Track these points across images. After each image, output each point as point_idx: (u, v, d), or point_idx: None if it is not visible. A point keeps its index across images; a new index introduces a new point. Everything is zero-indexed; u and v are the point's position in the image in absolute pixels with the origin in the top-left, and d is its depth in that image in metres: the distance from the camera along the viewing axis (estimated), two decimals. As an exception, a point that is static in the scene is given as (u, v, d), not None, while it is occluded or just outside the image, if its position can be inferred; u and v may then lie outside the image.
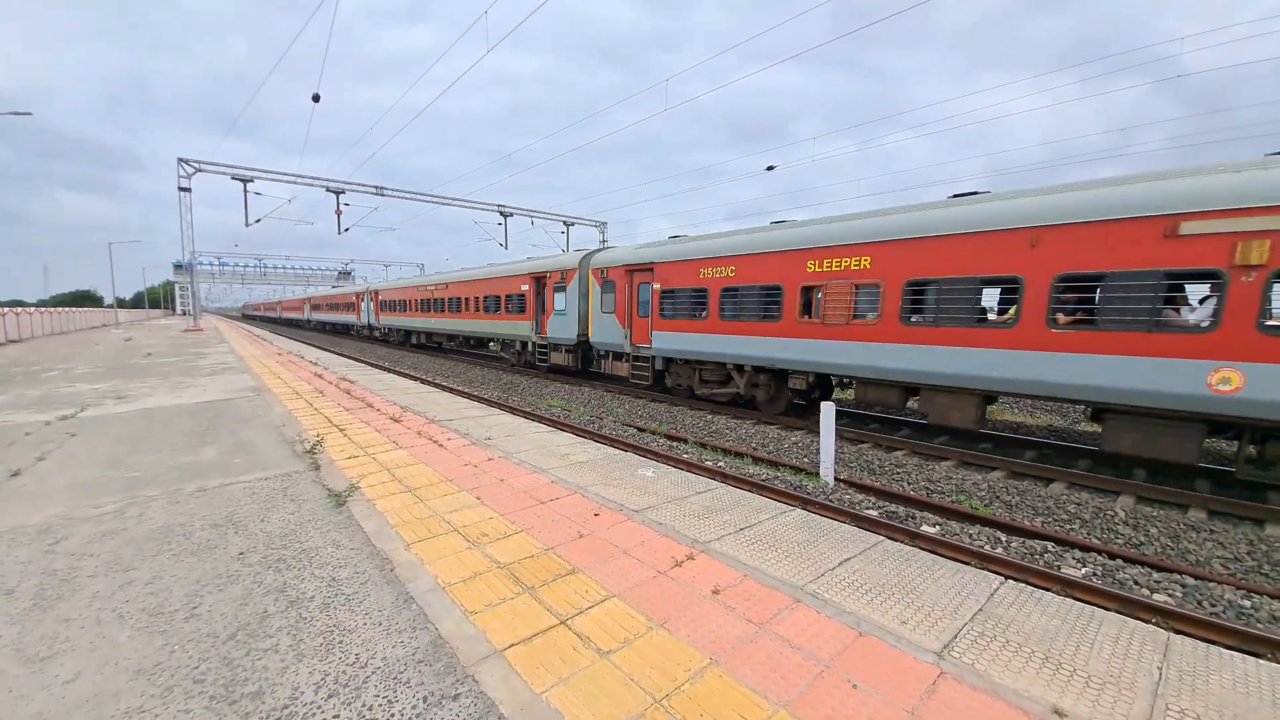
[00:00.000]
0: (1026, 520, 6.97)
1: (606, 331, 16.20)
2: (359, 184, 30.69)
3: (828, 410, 7.96)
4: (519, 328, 20.60)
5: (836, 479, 8.00)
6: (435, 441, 7.20)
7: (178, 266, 72.63)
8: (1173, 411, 7.07)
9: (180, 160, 27.22)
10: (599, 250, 17.46)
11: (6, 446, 6.83)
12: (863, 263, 9.83)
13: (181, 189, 27.85)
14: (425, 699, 2.48)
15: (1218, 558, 6.05)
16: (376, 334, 39.23)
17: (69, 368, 15.77)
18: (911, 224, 9.21)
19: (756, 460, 9.36)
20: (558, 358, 18.68)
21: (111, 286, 52.57)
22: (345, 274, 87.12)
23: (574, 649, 2.85)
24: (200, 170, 27.54)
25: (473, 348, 28.89)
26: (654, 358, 14.72)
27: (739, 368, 12.68)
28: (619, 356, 16.21)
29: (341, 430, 7.81)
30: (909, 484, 8.27)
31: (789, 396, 12.28)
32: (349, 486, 5.33)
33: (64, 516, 4.60)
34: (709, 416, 12.82)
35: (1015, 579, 4.03)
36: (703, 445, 10.26)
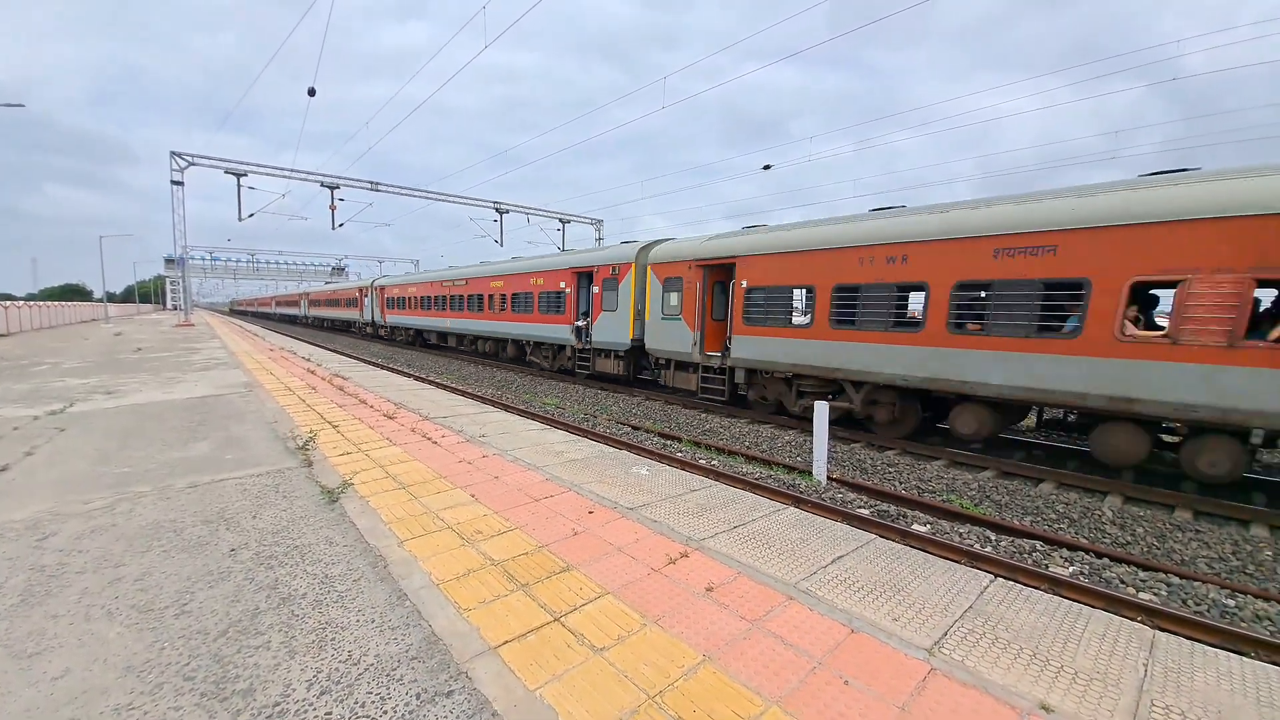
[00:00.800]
0: (1016, 520, 7.04)
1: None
2: (353, 179, 30.53)
3: (820, 410, 8.00)
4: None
5: (829, 478, 8.04)
6: (429, 438, 7.19)
7: (169, 261, 72.01)
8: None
9: (173, 154, 26.99)
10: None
11: (-6, 441, 6.76)
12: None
13: (174, 183, 27.61)
14: (418, 696, 2.48)
15: (1203, 557, 6.13)
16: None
17: (58, 362, 15.61)
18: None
19: (750, 459, 9.40)
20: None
21: (102, 280, 52.15)
22: (339, 269, 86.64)
23: (568, 646, 2.85)
24: (193, 164, 27.31)
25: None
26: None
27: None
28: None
29: (334, 427, 7.78)
30: (900, 483, 8.32)
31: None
32: (342, 483, 5.31)
33: (52, 512, 4.56)
34: (703, 415, 12.85)
35: (1005, 577, 4.06)
36: (697, 444, 10.29)
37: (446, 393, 12.06)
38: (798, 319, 11.38)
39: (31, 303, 37.25)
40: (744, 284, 12.09)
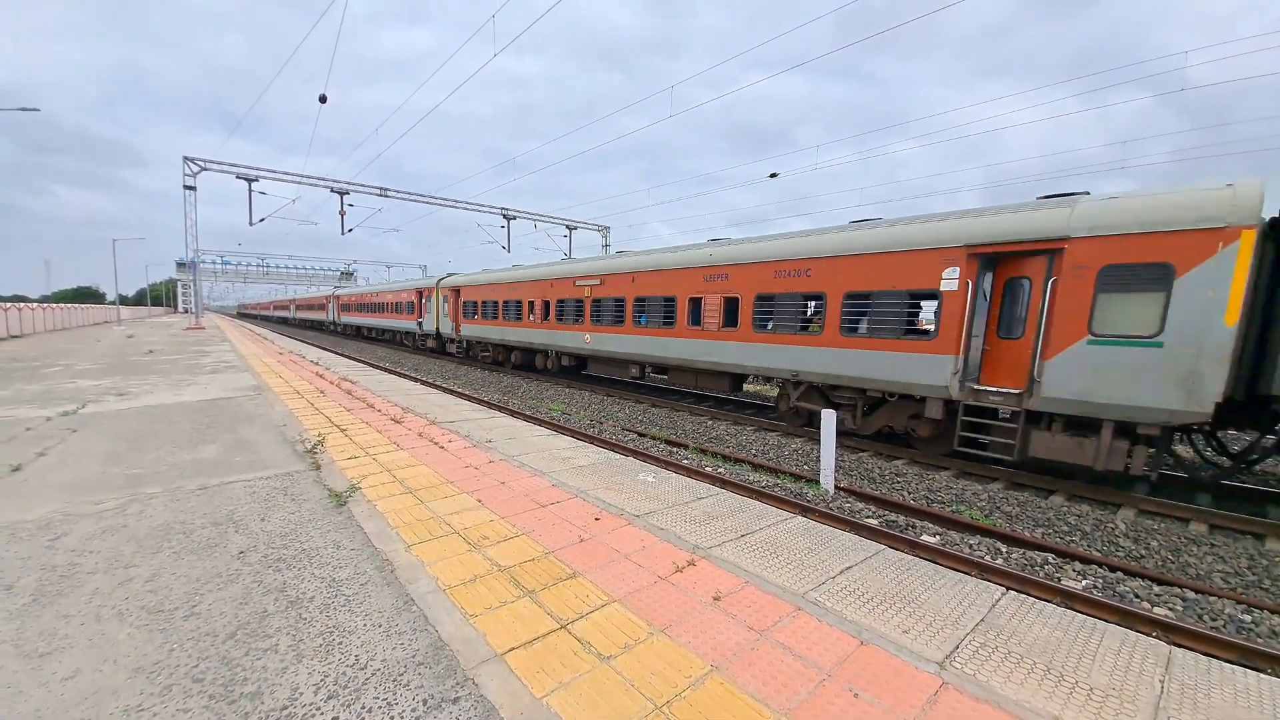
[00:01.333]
0: (1027, 531, 6.96)
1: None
2: (363, 185, 30.81)
3: (828, 418, 7.96)
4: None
5: (836, 487, 7.99)
6: (436, 443, 7.20)
7: (181, 264, 72.78)
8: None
9: (186, 159, 27.34)
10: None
11: (7, 441, 6.83)
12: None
13: (186, 187, 27.94)
14: (425, 702, 2.48)
15: (1218, 572, 6.04)
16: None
17: (70, 364, 15.78)
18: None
19: (757, 467, 9.36)
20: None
21: (114, 283, 52.77)
22: (348, 274, 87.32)
23: (574, 653, 2.84)
24: (206, 169, 27.64)
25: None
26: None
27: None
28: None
29: (342, 430, 7.81)
30: (909, 493, 8.26)
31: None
32: (350, 487, 5.32)
33: (64, 512, 4.59)
34: (709, 422, 12.82)
35: (1017, 590, 4.01)
36: (703, 451, 10.26)
37: (453, 397, 12.09)
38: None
39: (44, 305, 37.71)
40: (460, 299, 25.29)
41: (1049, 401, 7.82)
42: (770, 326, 11.77)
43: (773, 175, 27.77)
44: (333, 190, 29.81)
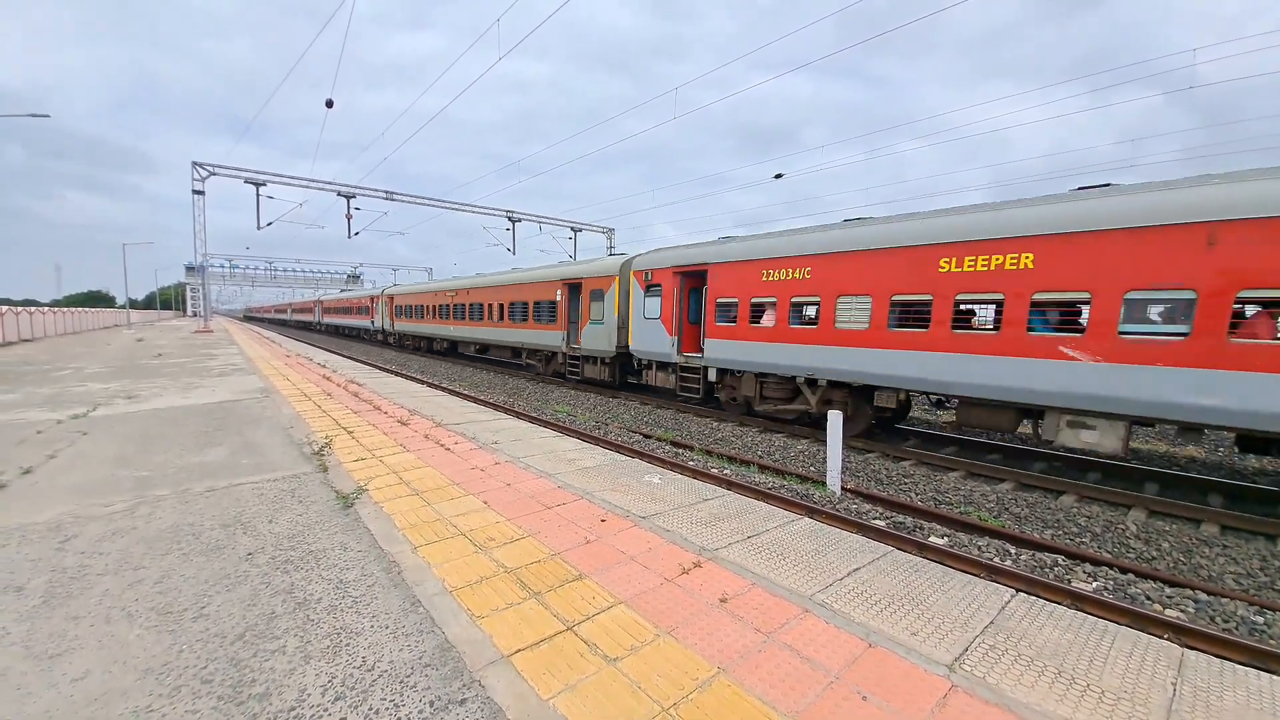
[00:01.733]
0: (1036, 533, 6.91)
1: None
2: (369, 188, 30.97)
3: (834, 419, 7.93)
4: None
5: (843, 488, 7.96)
6: (443, 445, 7.22)
7: (189, 268, 73.32)
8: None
9: (194, 164, 27.56)
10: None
11: (18, 444, 6.89)
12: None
13: (195, 192, 28.18)
14: (432, 703, 2.48)
15: (1230, 573, 5.97)
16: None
17: (80, 367, 15.92)
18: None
19: (763, 468, 9.33)
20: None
21: (124, 287, 53.24)
22: (354, 277, 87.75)
23: (581, 655, 2.83)
24: (214, 174, 27.86)
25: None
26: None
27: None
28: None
29: (349, 432, 7.84)
30: (916, 494, 8.21)
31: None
32: (357, 489, 5.34)
33: (74, 514, 4.63)
34: (714, 424, 12.79)
35: (1026, 592, 3.98)
36: (708, 453, 10.24)
37: (459, 400, 12.13)
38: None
39: (55, 309, 38.08)
40: (394, 303, 32.60)
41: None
42: (513, 319, 22.00)
43: (778, 176, 27.73)
44: (339, 194, 29.98)
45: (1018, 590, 3.70)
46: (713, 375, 13.39)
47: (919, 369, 9.31)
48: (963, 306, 8.99)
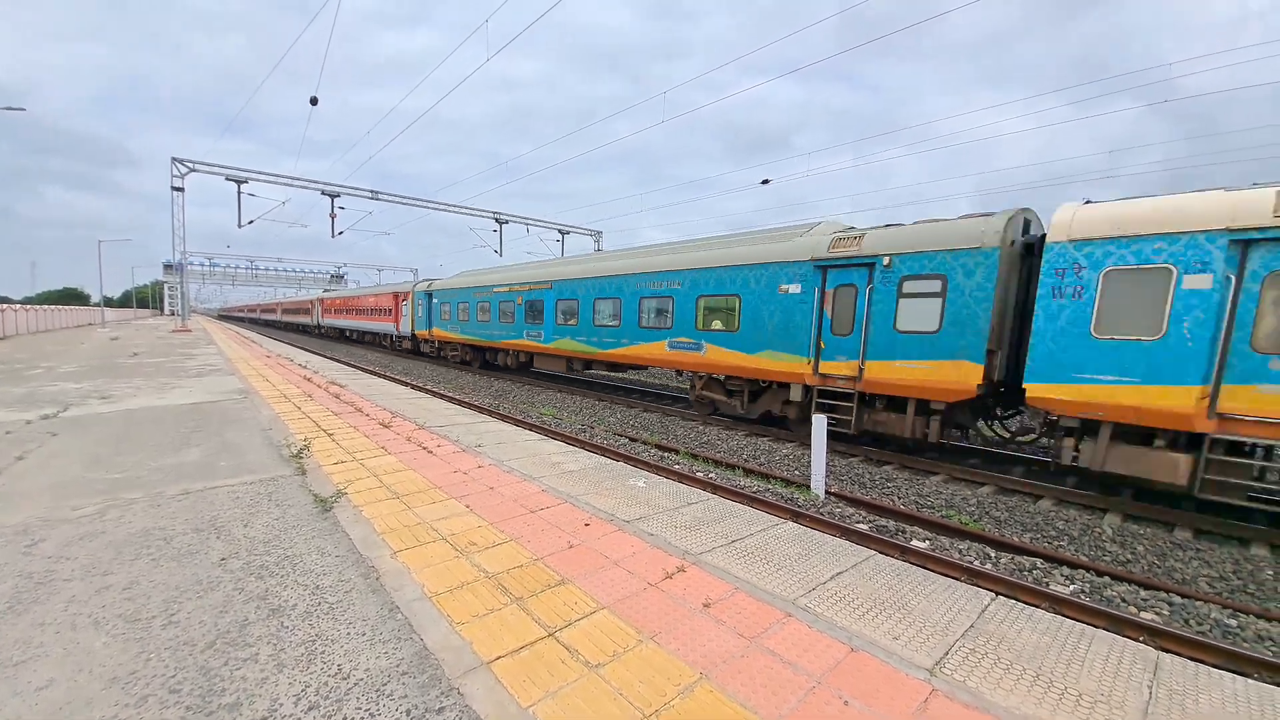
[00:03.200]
0: (1015, 536, 6.99)
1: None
2: (354, 188, 30.63)
3: (819, 423, 7.97)
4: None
5: (827, 492, 7.99)
6: (425, 448, 7.13)
7: (168, 266, 71.94)
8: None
9: (174, 160, 27.06)
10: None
11: (-16, 445, 6.69)
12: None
13: (175, 188, 27.67)
14: (409, 712, 2.43)
15: (1204, 576, 6.09)
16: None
17: (53, 366, 15.53)
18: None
19: (748, 472, 9.34)
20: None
21: (99, 284, 52.01)
22: (338, 277, 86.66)
23: (562, 662, 2.80)
24: (194, 170, 27.38)
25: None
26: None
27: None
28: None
29: (329, 435, 7.72)
30: (899, 498, 8.28)
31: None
32: (336, 492, 5.25)
33: (42, 518, 4.49)
34: (700, 427, 12.80)
35: (1006, 595, 4.02)
36: (694, 456, 10.23)
37: (444, 402, 12.01)
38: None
39: (28, 306, 37.14)
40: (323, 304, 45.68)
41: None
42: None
43: (765, 181, 27.90)
44: (323, 193, 29.60)
45: (997, 593, 3.73)
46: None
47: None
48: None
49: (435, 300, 26.11)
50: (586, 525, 4.63)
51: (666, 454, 10.33)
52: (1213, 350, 6.51)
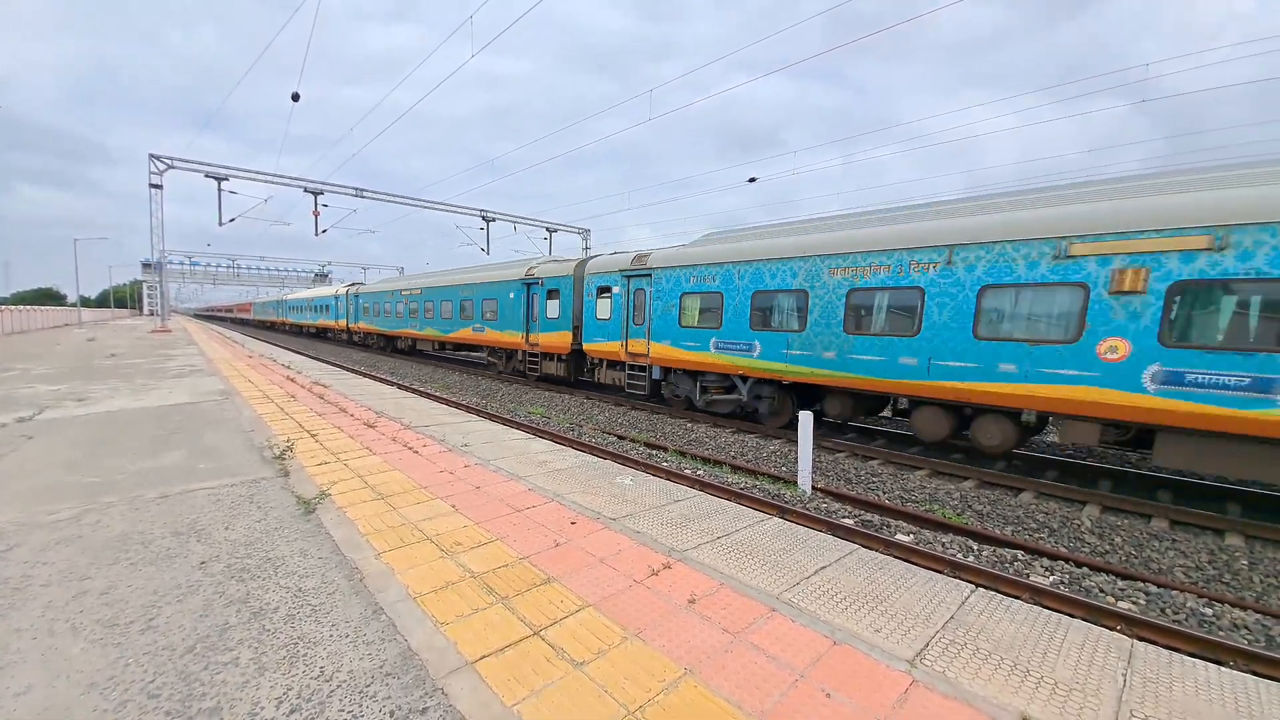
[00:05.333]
0: (997, 529, 7.09)
1: None
2: (338, 185, 30.28)
3: (805, 420, 8.03)
4: None
5: (814, 488, 8.06)
6: (410, 448, 7.08)
7: (146, 265, 70.68)
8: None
9: (152, 156, 26.59)
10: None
11: (-44, 450, 6.54)
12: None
13: (153, 186, 27.19)
14: (392, 713, 2.42)
15: (1180, 566, 6.22)
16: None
17: (28, 368, 15.20)
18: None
19: (735, 469, 9.39)
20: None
21: (75, 284, 50.93)
22: (321, 276, 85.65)
23: (547, 660, 2.80)
24: (173, 167, 26.92)
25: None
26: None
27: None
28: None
29: (313, 435, 7.64)
30: (884, 493, 8.36)
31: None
32: (319, 493, 5.20)
33: (17, 522, 4.41)
34: (688, 425, 12.84)
35: (986, 587, 4.08)
36: (682, 453, 10.26)
37: (430, 401, 11.93)
38: None
39: (2, 307, 36.33)
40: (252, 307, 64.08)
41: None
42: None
43: (751, 180, 27.98)
44: (306, 190, 29.25)
45: (978, 585, 3.79)
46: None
47: None
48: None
49: (361, 301, 34.47)
50: (573, 524, 4.63)
51: (655, 452, 10.35)
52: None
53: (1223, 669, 2.90)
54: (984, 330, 8.48)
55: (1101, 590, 5.40)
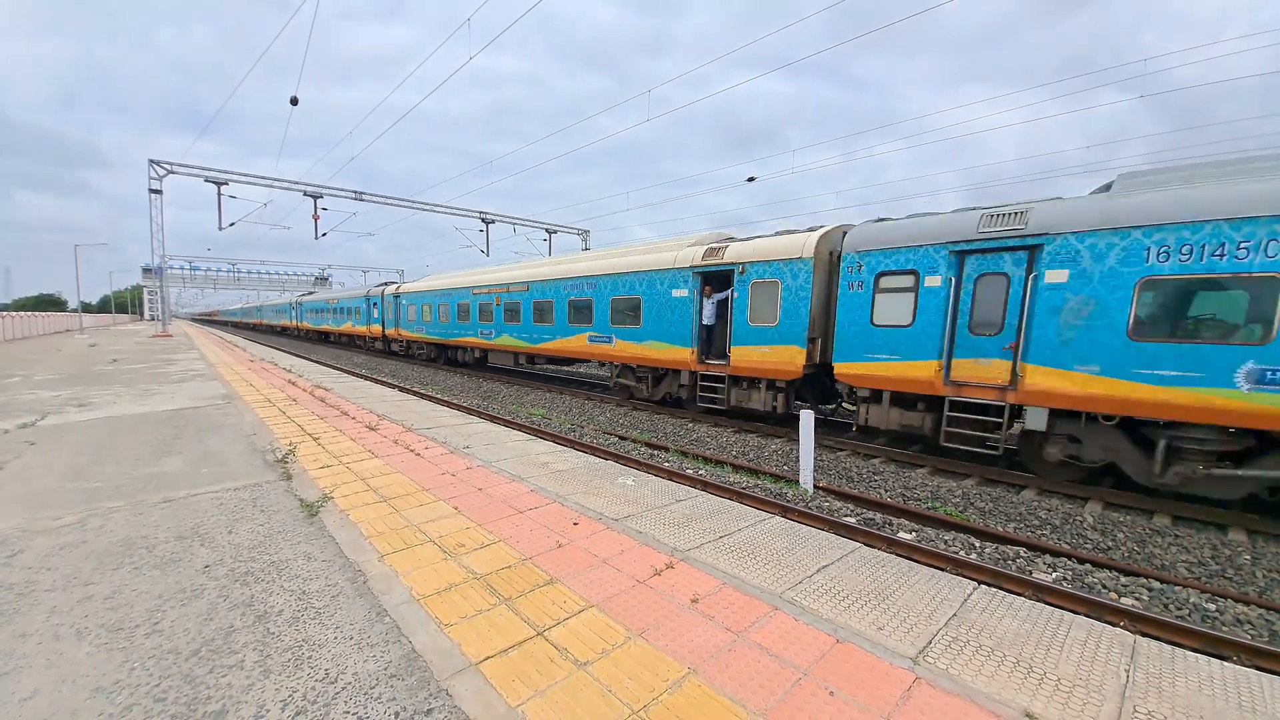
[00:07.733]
0: (999, 526, 7.09)
1: None
2: (337, 188, 30.32)
3: (807, 418, 8.03)
4: None
5: (815, 486, 8.06)
6: (412, 450, 7.09)
7: (146, 270, 70.80)
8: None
9: (151, 161, 26.64)
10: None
11: (-40, 456, 6.56)
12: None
13: (152, 191, 27.24)
14: (397, 715, 2.43)
15: (1182, 562, 6.21)
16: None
17: (29, 374, 15.23)
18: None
19: (737, 468, 9.40)
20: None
21: (76, 290, 51.02)
22: (322, 279, 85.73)
23: (551, 661, 2.81)
24: (172, 172, 26.97)
25: None
26: None
27: None
28: None
29: (315, 439, 7.65)
30: (886, 491, 8.36)
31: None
32: (322, 496, 5.22)
33: (21, 528, 4.42)
34: (690, 425, 12.84)
35: (989, 584, 4.09)
36: (684, 453, 10.27)
37: (431, 404, 11.94)
38: None
39: (3, 314, 36.39)
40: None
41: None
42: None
43: (750, 179, 27.97)
44: (305, 193, 29.29)
45: (981, 582, 3.79)
46: None
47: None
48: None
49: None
50: (575, 524, 4.64)
51: (656, 452, 10.35)
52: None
53: (1226, 664, 2.90)
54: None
55: (1104, 586, 5.40)
